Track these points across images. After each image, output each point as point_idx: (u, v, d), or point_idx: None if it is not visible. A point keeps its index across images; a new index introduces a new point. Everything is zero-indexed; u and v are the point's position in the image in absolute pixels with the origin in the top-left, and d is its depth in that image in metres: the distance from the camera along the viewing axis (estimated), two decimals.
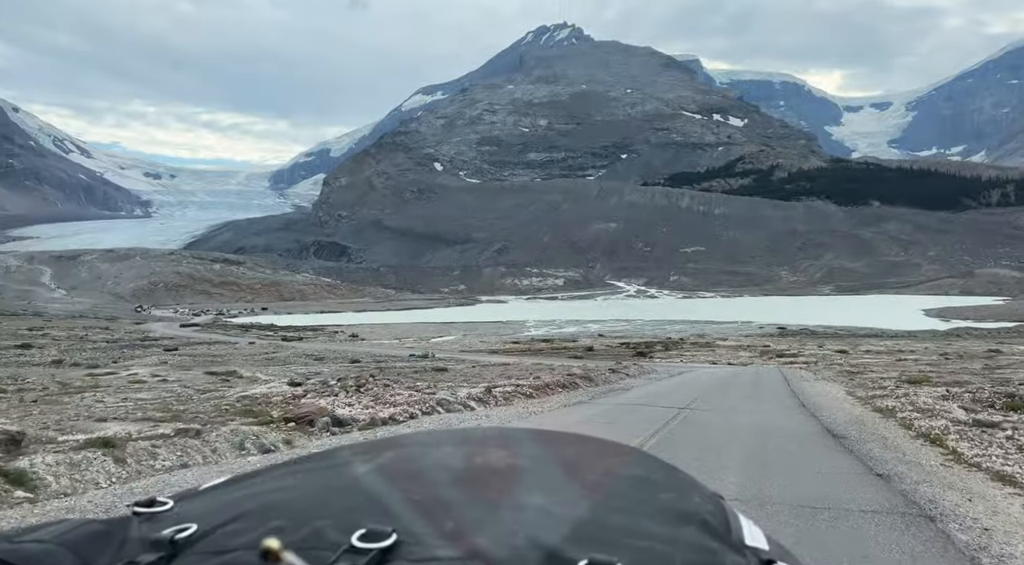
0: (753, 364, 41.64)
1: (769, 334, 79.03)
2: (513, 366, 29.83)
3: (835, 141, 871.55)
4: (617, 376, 19.47)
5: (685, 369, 30.61)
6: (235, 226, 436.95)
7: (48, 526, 0.75)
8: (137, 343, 51.37)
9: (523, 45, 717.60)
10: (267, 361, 40.12)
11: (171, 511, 0.80)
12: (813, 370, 25.70)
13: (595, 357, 49.02)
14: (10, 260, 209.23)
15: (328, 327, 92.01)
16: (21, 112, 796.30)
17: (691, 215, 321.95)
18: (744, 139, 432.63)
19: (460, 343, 64.38)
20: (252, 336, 68.50)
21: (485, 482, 0.81)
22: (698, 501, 0.84)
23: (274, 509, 0.76)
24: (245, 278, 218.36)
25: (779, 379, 22.85)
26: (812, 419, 12.44)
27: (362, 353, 47.30)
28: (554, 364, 33.67)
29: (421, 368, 23.04)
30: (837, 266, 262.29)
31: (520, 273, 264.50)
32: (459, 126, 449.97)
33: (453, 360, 39.35)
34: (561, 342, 64.72)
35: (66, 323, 77.67)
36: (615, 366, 23.89)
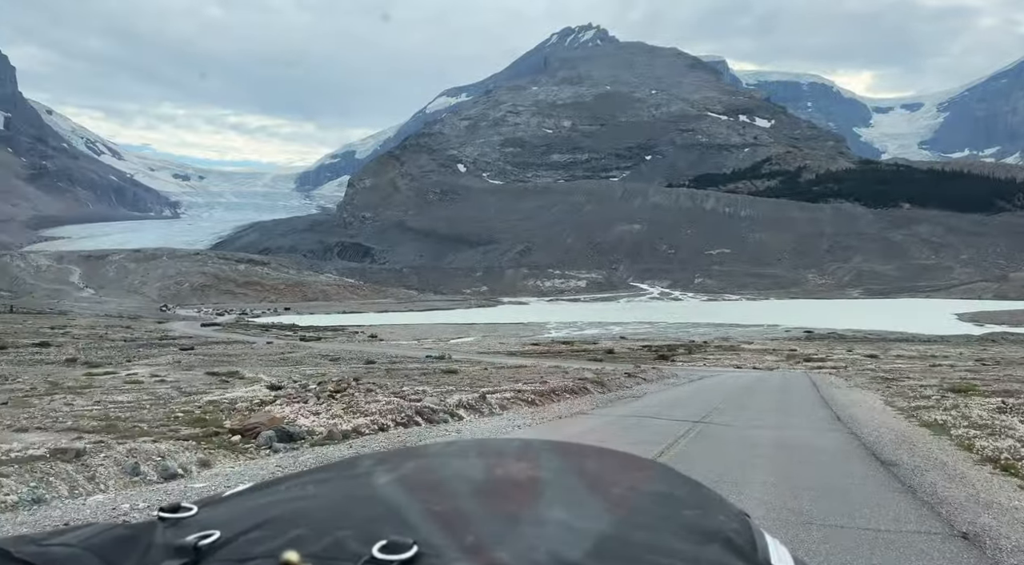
0: (779, 369, 40.15)
1: (796, 338, 77.08)
2: (528, 369, 28.82)
3: (864, 143, 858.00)
4: (633, 381, 18.27)
5: (707, 374, 29.38)
6: (261, 227, 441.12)
7: (76, 530, 0.76)
8: (155, 342, 51.18)
9: (548, 47, 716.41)
10: (281, 361, 39.52)
11: (195, 517, 0.80)
12: (844, 376, 24.10)
13: (615, 360, 47.77)
14: (41, 259, 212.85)
15: (349, 328, 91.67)
16: (55, 114, 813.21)
17: (716, 217, 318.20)
18: (771, 140, 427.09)
19: (479, 345, 63.47)
20: (271, 336, 68.25)
21: (506, 495, 0.80)
22: (723, 519, 0.82)
23: (296, 518, 0.76)
24: (269, 278, 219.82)
25: (808, 385, 21.09)
26: (851, 437, 10.62)
27: (378, 354, 46.58)
28: (571, 367, 32.56)
29: (430, 370, 22.17)
30: (866, 269, 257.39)
31: (542, 275, 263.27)
32: (483, 128, 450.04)
33: (469, 362, 38.43)
34: (581, 344, 63.51)
35: (89, 322, 78.16)
36: (632, 370, 22.71)
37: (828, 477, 7.60)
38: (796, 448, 9.49)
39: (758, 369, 40.17)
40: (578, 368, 25.88)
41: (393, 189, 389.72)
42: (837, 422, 12.20)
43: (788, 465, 8.17)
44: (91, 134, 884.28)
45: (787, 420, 12.39)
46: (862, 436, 10.57)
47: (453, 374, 20.61)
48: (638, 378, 18.95)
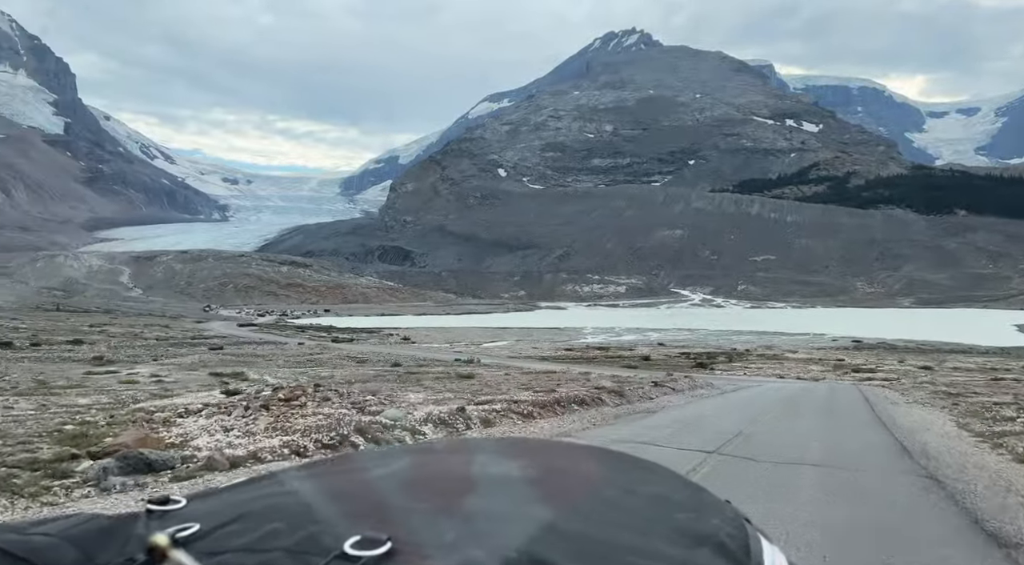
0: (825, 379, 37.94)
1: (843, 347, 73.89)
2: (552, 375, 27.41)
3: (917, 148, 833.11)
4: (659, 391, 16.59)
5: (746, 384, 27.49)
6: (305, 230, 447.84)
7: (57, 519, 0.76)
8: (187, 342, 51.19)
9: (590, 51, 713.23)
10: (306, 363, 38.86)
11: (182, 510, 0.81)
12: (899, 389, 21.80)
13: (650, 367, 46.01)
14: (93, 260, 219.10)
15: (385, 330, 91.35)
16: (112, 120, 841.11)
17: (761, 222, 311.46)
18: (819, 145, 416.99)
19: (512, 349, 62.22)
20: (305, 337, 68.05)
21: (496, 492, 0.79)
22: (717, 522, 0.82)
23: (275, 511, 0.76)
24: (311, 280, 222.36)
25: (858, 400, 18.53)
26: (929, 482, 7.29)
27: (407, 356, 45.69)
28: (600, 373, 31.05)
29: (450, 374, 21.03)
30: (918, 277, 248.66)
31: (581, 279, 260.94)
32: (523, 132, 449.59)
33: (496, 366, 37.18)
34: (617, 350, 61.75)
35: (129, 321, 79.27)
36: (661, 379, 21.04)
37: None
38: (849, 502, 6.26)
39: (802, 379, 38.02)
40: (602, 375, 24.37)
41: (434, 193, 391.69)
42: (904, 455, 9.26)
43: (838, 542, 4.97)
44: (145, 139, 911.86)
45: (835, 451, 9.40)
46: (944, 479, 7.38)
47: (468, 379, 19.36)
48: (665, 388, 17.25)
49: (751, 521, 0.92)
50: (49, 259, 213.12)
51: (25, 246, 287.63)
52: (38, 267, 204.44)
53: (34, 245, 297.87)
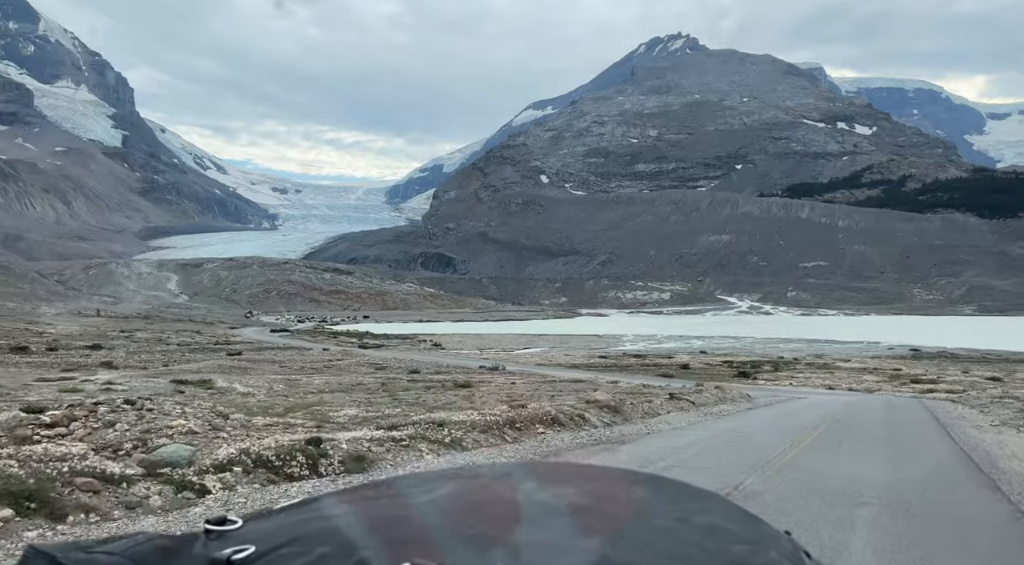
0: (881, 391, 34.46)
1: (900, 356, 69.32)
2: (577, 383, 24.99)
3: (977, 151, 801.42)
4: (673, 404, 13.74)
5: (788, 396, 24.37)
6: (350, 238, 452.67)
7: (121, 539, 0.79)
8: (209, 347, 50.19)
9: (635, 57, 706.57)
10: (323, 369, 37.23)
11: (238, 531, 0.83)
12: (972, 404, 18.17)
13: (688, 376, 43.07)
14: (142, 267, 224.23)
15: (420, 336, 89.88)
16: (167, 132, 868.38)
17: (812, 227, 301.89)
18: (872, 148, 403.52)
19: (543, 356, 59.74)
20: (333, 343, 66.78)
21: (544, 521, 0.78)
22: (775, 556, 0.78)
23: (326, 536, 0.77)
24: (353, 287, 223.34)
25: (926, 420, 14.47)
26: None
27: (430, 363, 43.72)
28: (629, 383, 28.48)
29: (439, 382, 18.88)
30: (980, 284, 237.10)
31: (624, 286, 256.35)
32: (566, 138, 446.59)
33: (520, 374, 34.88)
34: (654, 358, 58.73)
35: (163, 326, 79.31)
36: (680, 390, 18.10)
37: None
38: None
39: (854, 391, 34.63)
40: (619, 385, 21.76)
41: (476, 200, 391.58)
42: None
43: None
44: (199, 150, 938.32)
45: (903, 545, 4.93)
46: None
47: (464, 388, 17.06)
48: (682, 401, 14.38)
49: (811, 555, 0.93)
50: (101, 267, 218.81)
51: (82, 254, 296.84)
52: (91, 275, 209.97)
53: (91, 253, 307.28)
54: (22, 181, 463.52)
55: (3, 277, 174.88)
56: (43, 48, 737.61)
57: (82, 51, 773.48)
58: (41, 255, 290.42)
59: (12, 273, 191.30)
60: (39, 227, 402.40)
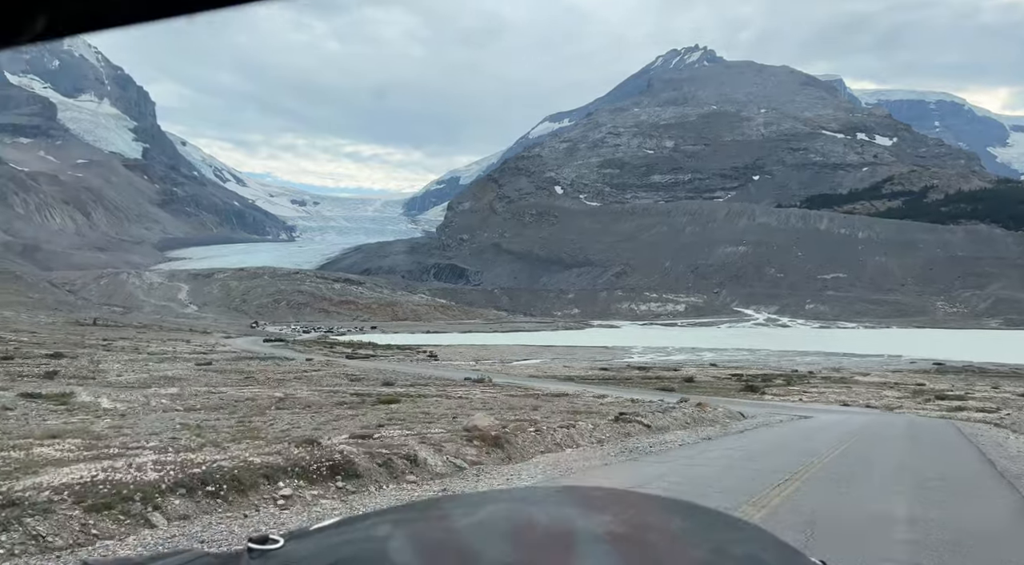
0: (902, 408, 30.93)
1: (923, 370, 65.28)
2: (568, 397, 21.91)
3: (1000, 164, 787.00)
4: (618, 429, 10.07)
5: (794, 414, 20.98)
6: (365, 249, 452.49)
7: (169, 556, 0.82)
8: (183, 357, 47.60)
9: (652, 69, 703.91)
10: (293, 380, 34.49)
11: (281, 549, 0.84)
12: (1019, 428, 14.67)
13: (691, 389, 39.74)
14: (153, 278, 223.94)
15: (423, 347, 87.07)
16: (188, 145, 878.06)
17: (831, 238, 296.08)
18: (892, 159, 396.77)
19: (540, 368, 56.57)
20: (322, 353, 64.04)
21: (584, 548, 0.78)
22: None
23: (371, 557, 0.77)
24: (363, 298, 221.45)
25: (967, 455, 10.78)
26: None
27: (411, 374, 40.78)
28: (617, 397, 25.37)
29: (372, 397, 15.98)
30: (1006, 297, 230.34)
31: (638, 298, 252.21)
32: (581, 149, 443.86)
33: (504, 387, 31.89)
34: (659, 371, 55.35)
35: (154, 335, 77.12)
36: (635, 413, 13.88)
37: None
38: None
39: (872, 408, 31.13)
40: (626, 400, 18.63)
41: (491, 211, 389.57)
42: None
43: None
44: (219, 163, 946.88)
45: None
46: None
47: (389, 404, 13.97)
48: (633, 424, 10.78)
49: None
50: (113, 277, 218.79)
51: (99, 265, 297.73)
52: (102, 285, 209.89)
53: (109, 264, 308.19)
54: (42, 193, 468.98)
55: (14, 286, 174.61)
56: (67, 62, 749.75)
57: (105, 65, 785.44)
58: (58, 266, 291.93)
59: (24, 282, 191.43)
60: (58, 238, 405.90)
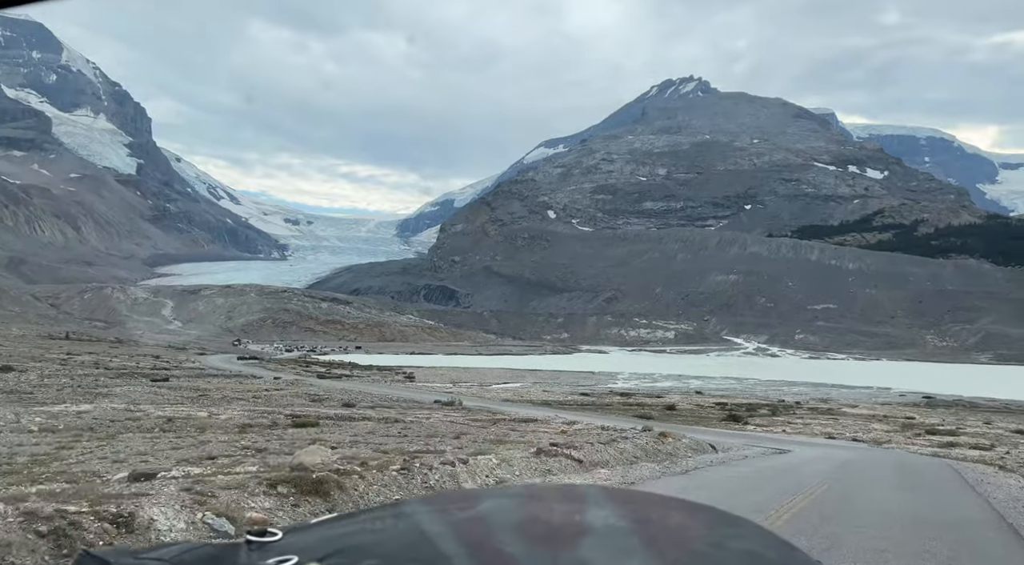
0: (891, 443, 29.22)
1: (912, 404, 63.76)
2: (536, 423, 20.18)
3: (990, 200, 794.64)
4: (535, 465, 7.98)
5: (772, 447, 19.20)
6: (356, 269, 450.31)
7: (170, 546, 0.85)
8: (141, 373, 45.56)
9: (647, 98, 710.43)
10: (249, 399, 32.58)
11: (279, 542, 0.86)
12: None
13: (671, 417, 38.01)
14: (138, 293, 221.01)
15: (404, 368, 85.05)
16: (183, 162, 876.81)
17: (821, 269, 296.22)
18: (883, 192, 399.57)
19: (518, 391, 54.70)
20: (293, 372, 62.02)
21: (581, 543, 0.78)
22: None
23: (368, 549, 0.79)
24: (350, 318, 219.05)
25: (981, 515, 9.33)
26: None
27: (379, 395, 38.92)
28: (587, 424, 23.63)
29: (286, 421, 14.30)
30: (996, 332, 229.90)
31: (628, 324, 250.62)
32: (575, 175, 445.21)
33: (474, 409, 30.12)
34: (642, 398, 53.56)
35: (125, 350, 74.87)
36: (569, 443, 11.60)
37: None
38: None
39: (859, 442, 29.40)
40: (571, 423, 16.91)
41: (483, 234, 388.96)
42: None
43: None
44: (213, 180, 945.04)
45: None
46: None
47: (305, 428, 12.22)
48: (560, 460, 8.66)
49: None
50: (97, 291, 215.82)
51: (85, 279, 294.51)
52: (85, 299, 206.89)
53: (95, 278, 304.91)
54: (33, 206, 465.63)
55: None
56: (65, 77, 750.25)
57: (103, 81, 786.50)
58: (44, 279, 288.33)
59: (6, 295, 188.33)
60: (46, 251, 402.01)
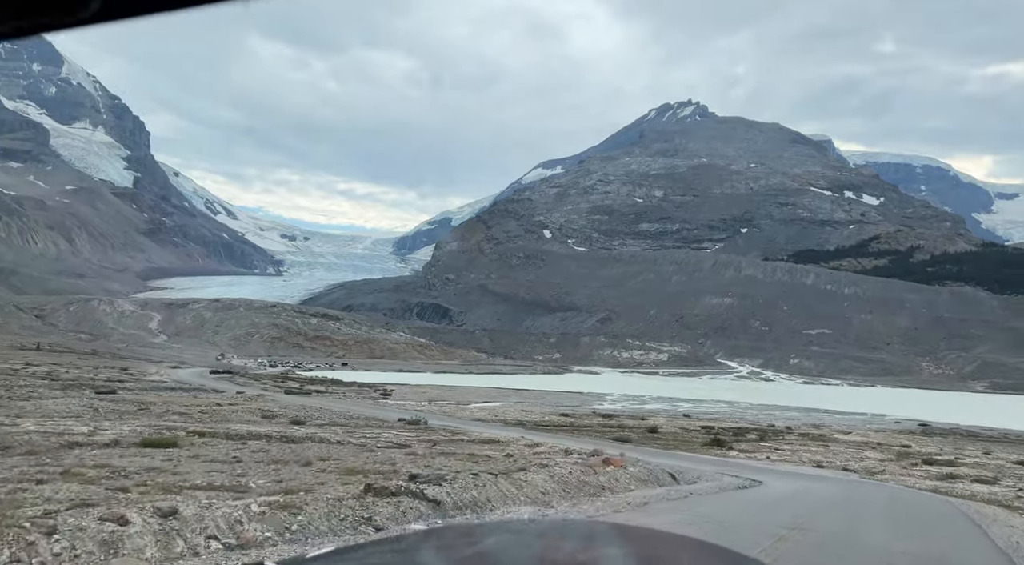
0: (885, 473, 26.85)
1: (908, 431, 61.37)
2: (497, 444, 17.87)
3: (985, 230, 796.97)
4: (356, 510, 5.99)
5: (746, 477, 16.79)
6: (349, 285, 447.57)
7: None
8: (92, 385, 43.07)
9: (645, 122, 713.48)
10: (201, 413, 30.12)
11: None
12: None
13: (652, 440, 35.61)
14: (125, 305, 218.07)
15: (386, 385, 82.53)
16: (181, 176, 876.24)
17: (817, 293, 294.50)
18: (879, 218, 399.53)
19: (496, 411, 52.23)
20: (259, 388, 59.46)
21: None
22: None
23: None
24: (339, 333, 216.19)
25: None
26: None
27: (339, 412, 36.45)
28: (555, 446, 21.35)
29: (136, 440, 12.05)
30: (992, 360, 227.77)
31: (621, 345, 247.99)
32: (572, 195, 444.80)
33: (438, 428, 27.74)
34: (625, 419, 51.12)
35: (93, 362, 72.25)
36: (422, 476, 9.76)
37: None
38: None
39: (850, 471, 27.02)
40: (533, 446, 14.61)
41: (478, 252, 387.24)
42: None
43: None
44: (211, 195, 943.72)
45: None
46: None
47: (162, 447, 9.89)
48: (408, 498, 6.61)
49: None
50: (83, 303, 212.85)
51: (77, 291, 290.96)
52: (71, 311, 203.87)
53: (87, 291, 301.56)
54: (26, 217, 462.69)
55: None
56: (64, 90, 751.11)
57: (102, 94, 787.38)
58: (33, 290, 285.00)
59: None
60: (37, 263, 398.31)
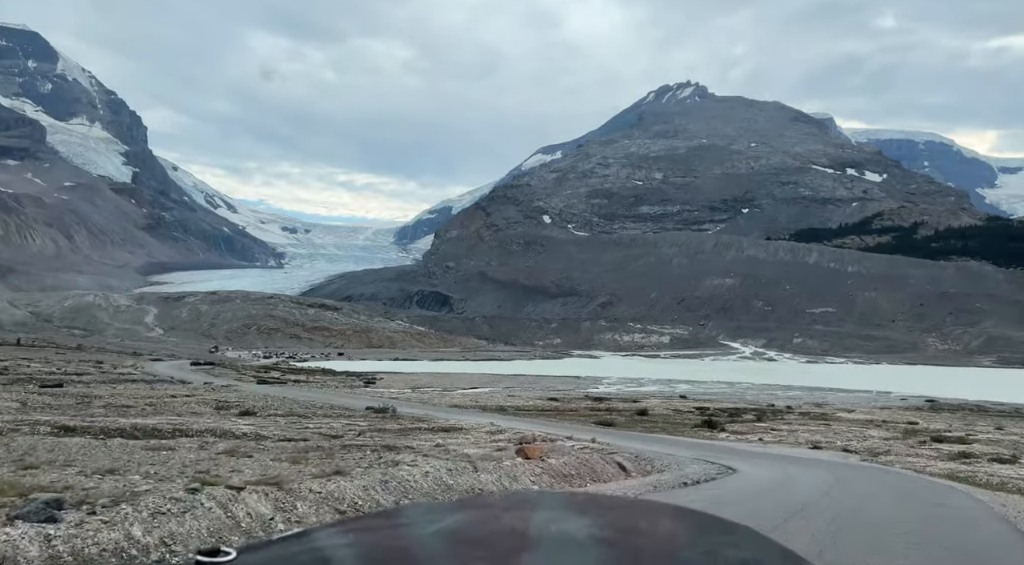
0: (891, 454, 24.29)
1: (915, 408, 58.84)
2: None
3: (989, 204, 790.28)
4: None
5: (722, 464, 14.15)
6: (349, 276, 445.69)
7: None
8: (40, 379, 40.74)
9: (644, 104, 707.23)
10: (148, 405, 27.76)
11: (232, 561, 0.81)
12: None
13: (639, 423, 33.18)
14: (120, 300, 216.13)
15: (376, 374, 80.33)
16: (180, 171, 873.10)
17: (820, 272, 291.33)
18: (882, 194, 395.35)
19: (481, 397, 49.89)
20: (232, 378, 57.21)
21: (562, 555, 0.73)
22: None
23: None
24: (337, 324, 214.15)
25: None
26: None
27: (303, 402, 34.06)
28: (536, 430, 18.96)
29: None
30: (999, 334, 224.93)
31: (622, 328, 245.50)
32: (571, 180, 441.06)
33: (406, 416, 25.34)
34: (616, 402, 48.70)
35: (69, 356, 70.06)
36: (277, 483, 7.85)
37: None
38: None
39: (851, 452, 24.50)
40: (495, 432, 12.09)
41: (478, 239, 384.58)
42: None
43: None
44: (211, 189, 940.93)
45: None
46: None
47: None
48: None
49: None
50: (78, 298, 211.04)
51: (76, 287, 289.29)
52: (66, 306, 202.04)
53: (85, 287, 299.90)
54: (24, 214, 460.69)
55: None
56: (60, 86, 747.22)
57: (99, 90, 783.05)
58: (31, 287, 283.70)
59: None
60: (36, 260, 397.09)
